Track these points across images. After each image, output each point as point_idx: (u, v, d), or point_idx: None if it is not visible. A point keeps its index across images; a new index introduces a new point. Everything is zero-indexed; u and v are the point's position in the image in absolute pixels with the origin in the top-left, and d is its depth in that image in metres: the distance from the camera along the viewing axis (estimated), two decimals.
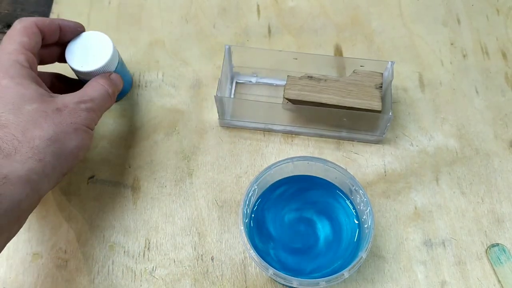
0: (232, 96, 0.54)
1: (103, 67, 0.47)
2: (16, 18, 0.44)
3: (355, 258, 0.39)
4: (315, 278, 0.38)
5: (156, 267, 0.46)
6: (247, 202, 0.42)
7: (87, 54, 0.47)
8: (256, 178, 0.43)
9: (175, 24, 0.59)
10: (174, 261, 0.46)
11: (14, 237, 0.47)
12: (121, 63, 0.51)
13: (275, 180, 0.45)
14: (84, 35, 0.49)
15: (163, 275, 0.46)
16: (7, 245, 0.47)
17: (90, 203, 0.49)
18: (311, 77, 0.49)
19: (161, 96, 0.55)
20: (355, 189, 0.43)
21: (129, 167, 0.51)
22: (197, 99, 0.54)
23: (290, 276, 0.38)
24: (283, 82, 0.51)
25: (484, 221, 0.47)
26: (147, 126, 0.53)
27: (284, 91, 0.49)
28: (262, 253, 0.41)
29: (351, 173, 0.43)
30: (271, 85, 0.55)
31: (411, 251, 0.46)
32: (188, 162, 0.51)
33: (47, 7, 0.61)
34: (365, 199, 0.42)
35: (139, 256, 0.46)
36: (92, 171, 0.50)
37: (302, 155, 0.49)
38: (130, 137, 0.52)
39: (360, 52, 0.57)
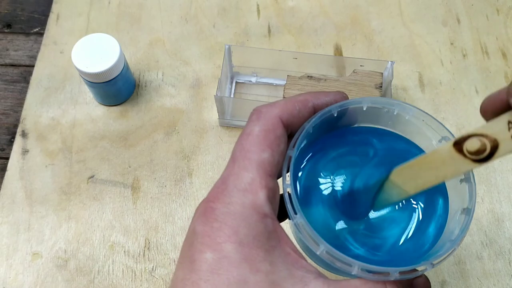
0: (232, 95, 0.54)
1: (109, 69, 0.47)
2: (16, 17, 0.43)
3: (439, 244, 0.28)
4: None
5: (156, 267, 0.46)
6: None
7: (93, 56, 0.48)
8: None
9: (175, 24, 0.59)
10: (174, 261, 0.46)
11: (14, 237, 0.47)
12: (126, 66, 0.51)
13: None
14: (91, 37, 0.49)
15: (163, 275, 0.46)
16: (7, 244, 0.47)
17: (90, 202, 0.49)
18: (311, 76, 0.49)
19: (161, 95, 0.55)
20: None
21: (129, 167, 0.51)
22: (197, 98, 0.54)
23: (349, 258, 0.25)
24: (283, 82, 0.51)
25: (484, 221, 0.47)
26: (147, 126, 0.53)
27: (284, 91, 0.49)
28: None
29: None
30: (271, 84, 0.55)
31: None
32: (188, 161, 0.51)
33: (47, 7, 0.61)
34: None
35: (139, 256, 0.46)
36: (92, 170, 0.50)
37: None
38: (130, 136, 0.52)
39: (360, 51, 0.57)
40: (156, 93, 0.55)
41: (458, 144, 0.23)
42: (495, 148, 0.23)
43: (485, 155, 0.23)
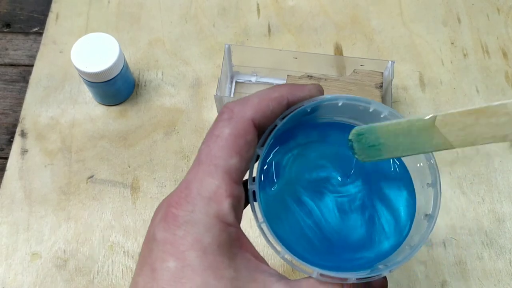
0: (232, 95, 0.54)
1: (109, 69, 0.47)
2: (15, 17, 0.43)
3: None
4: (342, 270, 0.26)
5: None
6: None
7: (93, 56, 0.47)
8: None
9: (174, 24, 0.59)
10: None
11: (13, 237, 0.47)
12: (125, 66, 0.51)
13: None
14: (90, 36, 0.49)
15: None
16: (6, 244, 0.47)
17: (90, 202, 0.49)
18: (311, 76, 0.49)
19: (161, 95, 0.54)
20: None
21: (129, 167, 0.50)
22: (196, 98, 0.54)
23: (308, 265, 0.25)
24: (283, 82, 0.51)
25: (484, 221, 0.47)
26: (147, 126, 0.53)
27: None
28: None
29: None
30: (271, 84, 0.55)
31: None
32: (188, 161, 0.51)
33: (46, 6, 0.61)
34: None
35: (138, 256, 0.46)
36: (91, 170, 0.50)
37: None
38: (130, 136, 0.52)
39: (360, 51, 0.57)
40: (155, 92, 0.55)
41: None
42: None
43: None
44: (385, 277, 0.27)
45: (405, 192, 0.29)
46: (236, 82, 0.55)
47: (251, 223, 0.44)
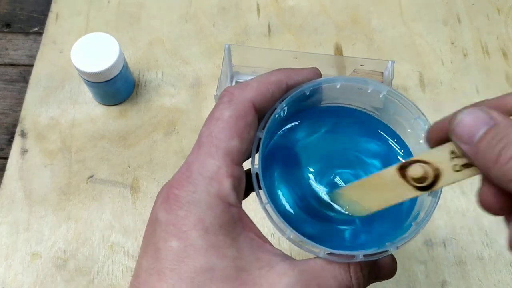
0: None
1: (109, 68, 0.47)
2: (15, 17, 0.43)
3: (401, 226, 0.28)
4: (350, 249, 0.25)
5: None
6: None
7: (93, 55, 0.47)
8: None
9: (174, 24, 0.59)
10: None
11: (13, 237, 0.47)
12: (125, 66, 0.51)
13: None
14: (90, 36, 0.49)
15: None
16: (6, 244, 0.47)
17: (89, 202, 0.49)
18: None
19: (161, 95, 0.54)
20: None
21: (129, 167, 0.50)
22: (196, 98, 0.54)
23: (315, 244, 0.25)
24: None
25: (484, 221, 0.47)
26: (147, 126, 0.53)
27: None
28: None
29: None
30: None
31: (412, 250, 0.46)
32: None
33: (46, 6, 0.61)
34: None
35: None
36: (91, 170, 0.50)
37: None
38: (130, 136, 0.52)
39: (360, 51, 0.56)
40: (155, 92, 0.55)
41: (403, 169, 0.23)
42: (437, 177, 0.22)
43: (427, 183, 0.22)
44: (394, 259, 0.26)
45: None
46: (236, 82, 0.55)
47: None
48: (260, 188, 0.25)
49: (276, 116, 0.27)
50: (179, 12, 0.60)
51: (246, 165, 0.26)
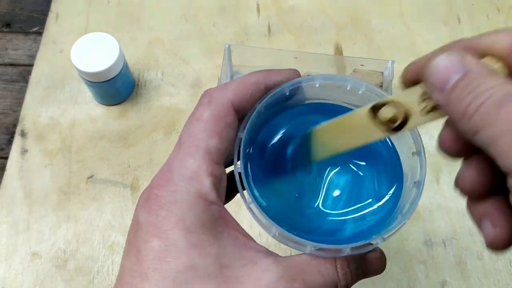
0: None
1: (109, 68, 0.47)
2: (15, 17, 0.43)
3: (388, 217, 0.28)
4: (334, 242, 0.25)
5: None
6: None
7: (93, 55, 0.47)
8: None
9: (174, 23, 0.59)
10: None
11: (13, 237, 0.47)
12: (125, 65, 0.51)
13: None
14: (90, 36, 0.49)
15: None
16: (6, 244, 0.47)
17: (90, 202, 0.49)
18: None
19: (161, 95, 0.54)
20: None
21: (129, 167, 0.50)
22: (196, 98, 0.54)
23: (301, 239, 0.25)
24: None
25: None
26: (147, 126, 0.53)
27: None
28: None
29: None
30: None
31: (412, 250, 0.46)
32: None
33: (46, 6, 0.61)
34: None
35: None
36: (91, 170, 0.50)
37: None
38: (130, 136, 0.52)
39: (360, 51, 0.56)
40: (155, 92, 0.55)
41: (375, 110, 0.23)
42: (406, 119, 0.22)
43: (396, 125, 0.22)
44: (383, 254, 0.26)
45: (392, 165, 0.30)
46: None
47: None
48: (243, 188, 0.25)
49: (257, 116, 0.27)
50: (179, 12, 0.60)
51: (230, 169, 0.26)
